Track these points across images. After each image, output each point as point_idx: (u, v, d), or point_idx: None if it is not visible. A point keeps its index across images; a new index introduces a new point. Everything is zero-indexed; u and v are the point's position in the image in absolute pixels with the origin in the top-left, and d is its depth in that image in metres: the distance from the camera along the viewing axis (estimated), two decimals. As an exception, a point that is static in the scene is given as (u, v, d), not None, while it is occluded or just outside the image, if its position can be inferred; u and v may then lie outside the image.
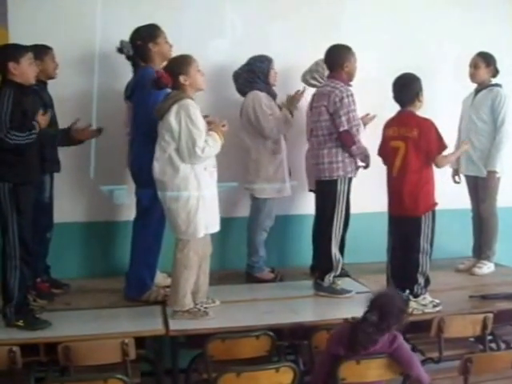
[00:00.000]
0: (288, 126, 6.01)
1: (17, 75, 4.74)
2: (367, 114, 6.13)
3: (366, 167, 5.70)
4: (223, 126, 5.05)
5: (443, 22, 6.71)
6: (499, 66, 6.27)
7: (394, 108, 5.40)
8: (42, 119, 4.84)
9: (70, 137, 5.29)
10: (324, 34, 6.14)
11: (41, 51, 5.30)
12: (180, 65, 4.96)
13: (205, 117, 5.06)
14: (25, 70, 4.78)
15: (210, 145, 4.87)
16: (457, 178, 6.58)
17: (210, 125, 5.04)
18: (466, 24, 6.76)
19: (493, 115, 6.22)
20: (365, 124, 6.04)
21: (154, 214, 5.32)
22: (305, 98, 6.03)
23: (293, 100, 5.99)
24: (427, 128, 5.19)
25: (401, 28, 6.58)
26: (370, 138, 5.63)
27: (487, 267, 6.35)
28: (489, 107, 6.23)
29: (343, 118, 5.42)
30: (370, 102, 6.02)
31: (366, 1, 6.55)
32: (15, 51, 4.79)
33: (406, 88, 5.30)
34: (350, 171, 5.58)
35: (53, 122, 5.36)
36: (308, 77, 6.07)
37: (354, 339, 4.01)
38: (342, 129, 5.44)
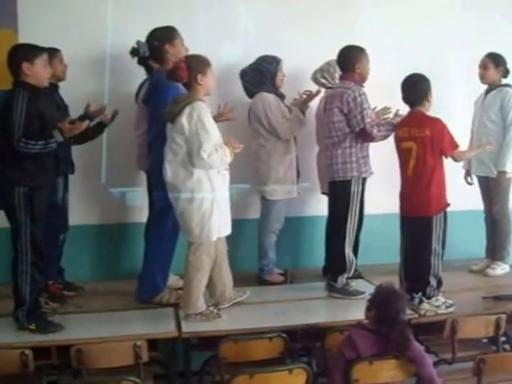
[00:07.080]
0: (301, 126, 5.99)
1: (30, 76, 4.67)
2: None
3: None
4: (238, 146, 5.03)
5: (455, 24, 6.70)
6: (511, 66, 6.26)
7: (404, 110, 5.42)
8: (66, 128, 4.74)
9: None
10: (336, 37, 6.07)
11: (48, 54, 5.27)
12: (201, 63, 4.95)
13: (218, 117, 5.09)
14: (39, 71, 4.71)
15: (219, 155, 4.81)
16: (469, 178, 6.55)
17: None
18: (478, 26, 6.72)
19: (502, 115, 6.19)
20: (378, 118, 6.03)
21: (170, 216, 5.23)
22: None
23: (305, 101, 5.97)
24: (439, 127, 5.20)
25: (413, 31, 6.56)
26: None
27: (501, 268, 6.33)
28: (498, 107, 6.21)
29: (358, 117, 5.41)
30: (382, 105, 5.97)
31: (379, 4, 6.52)
32: (29, 51, 4.71)
33: (415, 88, 5.30)
34: (365, 171, 5.57)
35: None
36: (318, 75, 6.05)
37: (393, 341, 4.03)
38: (358, 128, 5.43)
